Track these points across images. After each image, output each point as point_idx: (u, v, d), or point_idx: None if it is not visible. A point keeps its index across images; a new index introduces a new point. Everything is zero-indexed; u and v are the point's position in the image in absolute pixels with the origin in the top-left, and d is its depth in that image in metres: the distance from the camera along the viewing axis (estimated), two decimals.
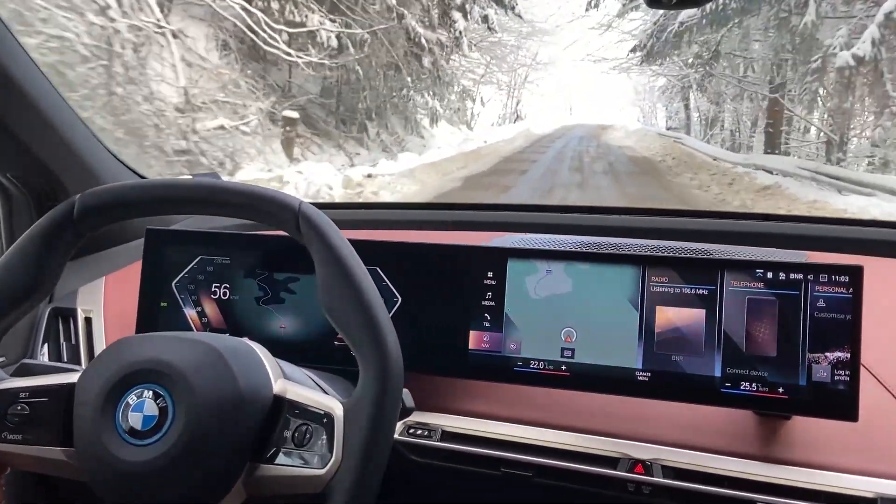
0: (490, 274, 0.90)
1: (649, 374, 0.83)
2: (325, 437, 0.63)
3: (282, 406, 0.65)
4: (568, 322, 0.86)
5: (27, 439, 0.67)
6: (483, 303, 0.89)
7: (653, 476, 0.80)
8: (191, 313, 0.97)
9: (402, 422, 0.87)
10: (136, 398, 0.62)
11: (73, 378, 0.68)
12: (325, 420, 0.63)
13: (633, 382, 0.83)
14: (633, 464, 0.81)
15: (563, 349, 0.86)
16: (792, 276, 0.79)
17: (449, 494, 0.94)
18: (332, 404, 0.64)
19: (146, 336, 0.69)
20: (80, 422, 0.64)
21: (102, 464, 0.62)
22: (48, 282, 0.71)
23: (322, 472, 0.62)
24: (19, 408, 0.68)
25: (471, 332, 0.89)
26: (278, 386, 0.66)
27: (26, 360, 0.77)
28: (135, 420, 0.62)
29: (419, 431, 0.89)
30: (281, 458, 0.64)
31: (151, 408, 0.62)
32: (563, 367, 0.86)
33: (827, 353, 0.77)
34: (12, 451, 0.67)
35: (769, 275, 0.80)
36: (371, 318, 0.64)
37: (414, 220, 1.28)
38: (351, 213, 1.33)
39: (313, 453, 0.63)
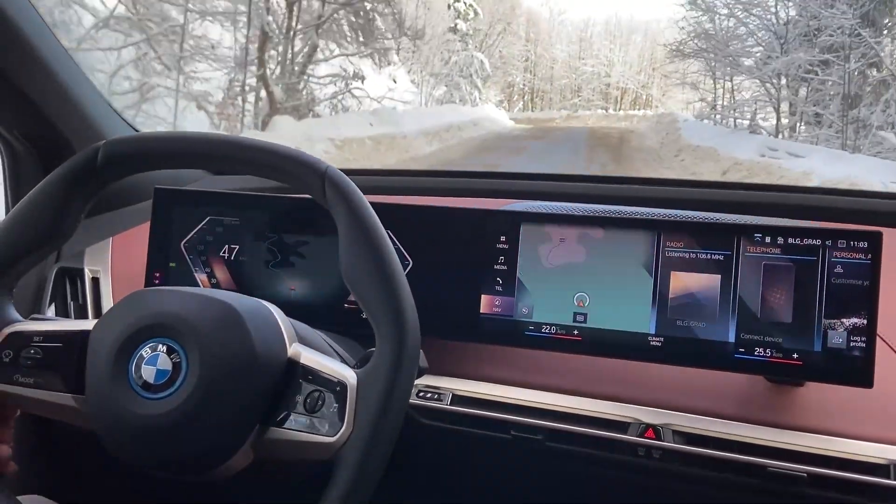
0: (503, 238, 0.89)
1: (662, 339, 0.82)
2: (336, 405, 0.62)
3: (295, 370, 0.64)
4: (581, 287, 0.86)
5: (38, 383, 0.67)
6: (495, 267, 0.88)
7: (663, 441, 0.80)
8: (200, 274, 0.97)
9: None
10: (150, 351, 0.62)
11: (88, 325, 0.67)
12: (338, 388, 0.62)
13: (646, 347, 0.83)
14: (644, 428, 0.81)
15: (575, 314, 0.85)
16: (810, 241, 0.79)
17: (459, 457, 0.94)
18: (347, 373, 0.63)
19: (164, 289, 0.68)
20: (93, 371, 0.64)
21: (112, 415, 0.62)
22: (67, 228, 0.70)
23: (332, 439, 0.61)
24: (32, 351, 0.67)
25: (483, 296, 0.88)
26: (292, 349, 0.65)
27: (35, 316, 0.76)
28: (147, 373, 0.61)
29: (430, 395, 0.89)
30: (291, 423, 0.63)
31: (165, 362, 0.61)
32: (576, 332, 0.85)
33: (843, 319, 0.77)
34: (23, 395, 0.67)
35: (787, 240, 0.79)
36: (392, 292, 0.63)
37: (429, 187, 1.26)
38: (367, 179, 1.31)
39: (324, 420, 0.62)
